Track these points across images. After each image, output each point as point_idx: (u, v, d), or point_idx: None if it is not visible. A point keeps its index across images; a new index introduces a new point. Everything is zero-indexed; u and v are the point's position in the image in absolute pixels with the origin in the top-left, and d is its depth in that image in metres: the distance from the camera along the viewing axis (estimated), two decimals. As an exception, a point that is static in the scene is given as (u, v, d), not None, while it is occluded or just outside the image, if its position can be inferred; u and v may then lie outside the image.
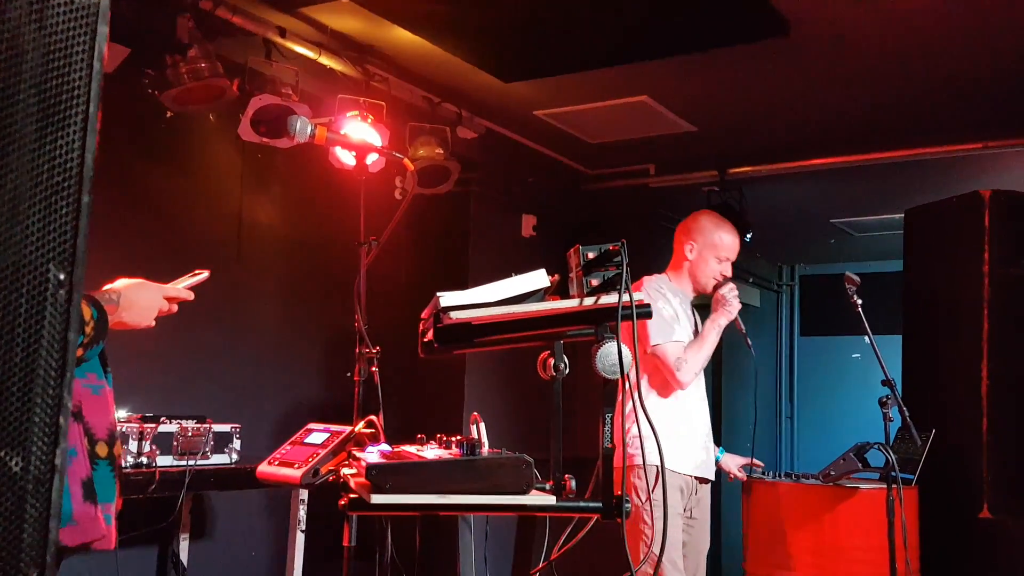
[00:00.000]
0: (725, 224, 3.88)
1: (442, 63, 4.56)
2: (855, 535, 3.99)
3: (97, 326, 1.82)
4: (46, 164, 0.93)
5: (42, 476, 0.91)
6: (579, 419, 4.20)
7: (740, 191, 6.04)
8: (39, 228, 0.93)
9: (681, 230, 3.94)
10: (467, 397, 5.48)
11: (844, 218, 7.23)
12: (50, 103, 0.94)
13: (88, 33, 0.95)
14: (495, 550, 2.65)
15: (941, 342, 4.78)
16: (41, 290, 0.93)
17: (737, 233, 3.91)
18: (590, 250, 2.08)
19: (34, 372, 0.92)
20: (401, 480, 1.86)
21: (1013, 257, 4.56)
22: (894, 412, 3.77)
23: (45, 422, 0.92)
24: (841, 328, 8.26)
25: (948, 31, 4.09)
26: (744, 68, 4.58)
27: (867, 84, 4.72)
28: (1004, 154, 5.35)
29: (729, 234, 3.84)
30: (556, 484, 2.03)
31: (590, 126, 5.48)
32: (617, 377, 2.01)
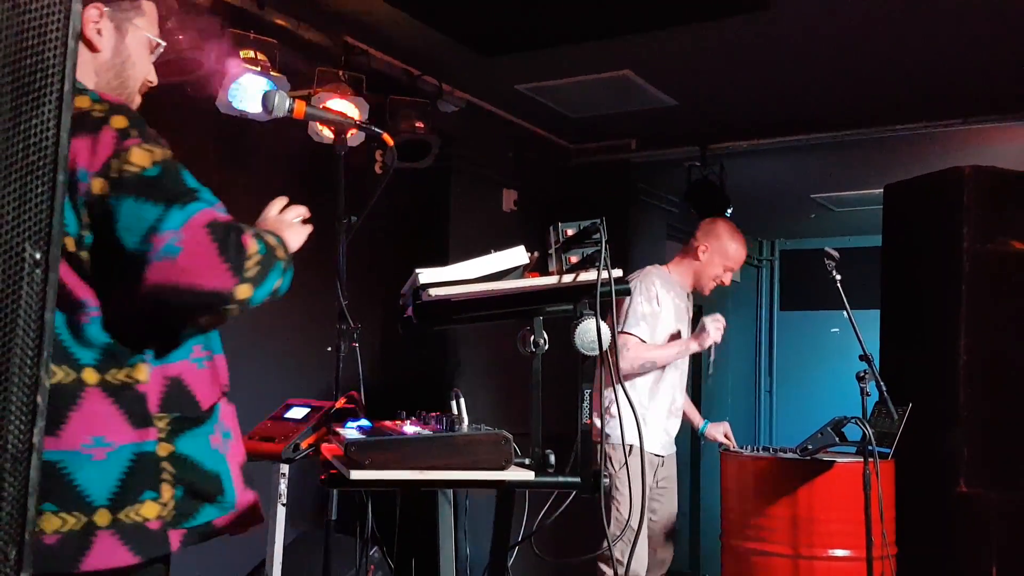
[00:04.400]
0: (739, 237, 4.21)
1: (422, 36, 4.53)
2: (832, 508, 4.03)
3: (286, 248, 1.75)
4: (20, 143, 0.92)
5: (20, 455, 0.91)
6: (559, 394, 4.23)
7: (721, 166, 6.05)
8: (14, 208, 0.92)
9: (701, 229, 4.25)
10: (447, 372, 5.49)
11: (824, 193, 7.26)
12: (24, 82, 0.93)
13: (62, 12, 0.93)
14: (474, 524, 2.68)
15: (919, 317, 4.82)
16: (17, 270, 0.92)
17: (746, 249, 4.26)
18: (569, 227, 2.08)
19: (11, 352, 0.92)
20: (380, 456, 1.87)
21: (991, 232, 4.59)
22: (871, 387, 3.81)
23: (22, 401, 0.91)
24: (820, 303, 8.32)
25: (929, 6, 4.09)
26: (725, 42, 4.57)
27: (847, 59, 4.73)
28: (984, 130, 5.38)
29: (741, 247, 4.20)
30: (535, 459, 2.05)
31: (572, 100, 5.46)
32: (596, 353, 2.02)
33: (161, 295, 1.57)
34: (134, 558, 1.60)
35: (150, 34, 1.86)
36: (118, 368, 1.64)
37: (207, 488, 1.71)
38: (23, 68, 0.92)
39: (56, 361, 1.57)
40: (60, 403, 1.58)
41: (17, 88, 0.92)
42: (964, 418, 4.47)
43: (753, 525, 4.19)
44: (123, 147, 1.59)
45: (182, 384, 1.71)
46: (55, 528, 1.55)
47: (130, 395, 1.64)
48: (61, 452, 1.57)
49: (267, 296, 1.68)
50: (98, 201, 1.57)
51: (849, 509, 3.84)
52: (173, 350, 1.71)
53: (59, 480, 1.56)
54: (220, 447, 1.76)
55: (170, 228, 1.54)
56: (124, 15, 1.81)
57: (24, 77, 0.92)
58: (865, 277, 5.36)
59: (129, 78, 1.84)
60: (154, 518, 1.63)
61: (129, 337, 1.65)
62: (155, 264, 1.54)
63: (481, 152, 5.84)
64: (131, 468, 1.62)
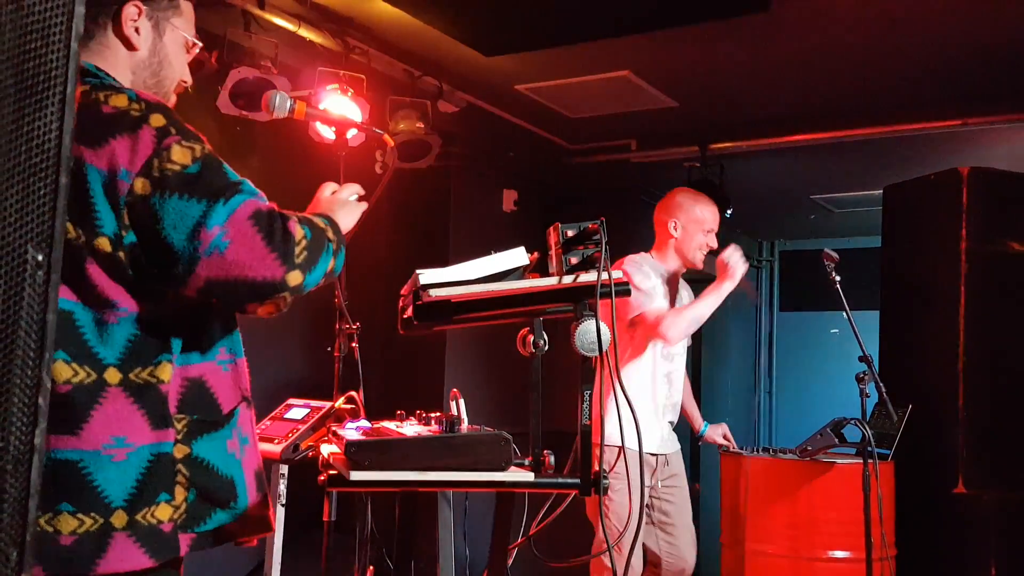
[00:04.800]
0: (703, 197, 4.02)
1: (423, 36, 4.53)
2: (831, 510, 4.04)
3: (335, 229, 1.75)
4: (24, 145, 0.92)
5: (21, 456, 0.91)
6: (560, 394, 4.23)
7: (721, 167, 6.05)
8: (17, 209, 0.92)
9: (660, 209, 4.04)
10: (447, 373, 5.49)
11: (824, 194, 7.26)
12: (27, 84, 0.93)
13: (65, 13, 0.94)
14: (474, 525, 2.68)
15: (918, 318, 4.82)
16: (20, 271, 0.92)
17: (715, 204, 4.03)
18: (569, 228, 2.08)
19: (13, 353, 0.92)
20: (380, 457, 1.87)
21: (990, 234, 4.59)
22: (871, 388, 3.82)
23: (24, 403, 0.91)
24: (820, 304, 8.31)
25: (928, 7, 4.10)
26: (725, 43, 4.58)
27: (847, 60, 4.73)
28: (983, 131, 5.38)
29: (709, 206, 3.98)
30: (535, 460, 2.05)
31: (572, 101, 5.46)
32: (596, 355, 2.02)
33: (215, 289, 1.59)
34: (150, 561, 1.59)
35: (187, 34, 1.87)
36: (142, 367, 1.63)
37: (220, 493, 1.70)
38: (26, 71, 0.92)
39: (79, 361, 1.58)
40: (82, 402, 1.57)
41: (20, 90, 0.92)
42: (963, 419, 4.47)
43: (753, 526, 4.20)
44: (164, 146, 1.59)
45: (204, 386, 1.71)
46: (72, 529, 1.54)
47: (152, 395, 1.63)
48: (81, 452, 1.56)
49: (321, 279, 1.69)
50: (140, 201, 1.58)
51: (849, 510, 3.85)
52: (197, 347, 1.71)
53: (78, 480, 1.55)
54: (236, 452, 1.75)
55: (216, 223, 1.56)
56: (163, 14, 1.82)
57: (27, 79, 0.92)
58: (864, 278, 5.37)
59: (165, 78, 1.85)
60: (167, 520, 1.62)
61: (158, 336, 1.65)
62: (205, 260, 1.55)
63: (481, 152, 5.84)
64: (149, 469, 1.61)
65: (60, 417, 1.53)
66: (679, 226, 3.94)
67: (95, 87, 1.65)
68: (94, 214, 1.58)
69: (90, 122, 1.58)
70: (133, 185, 1.57)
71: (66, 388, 1.56)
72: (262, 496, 1.79)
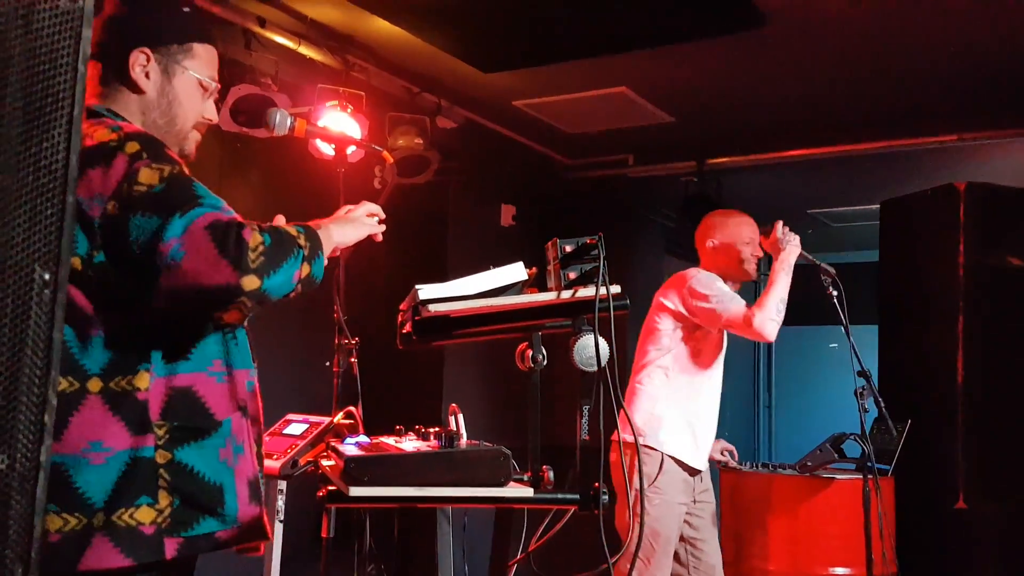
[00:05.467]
0: (734, 212, 4.02)
1: (422, 53, 4.56)
2: (831, 525, 4.03)
3: (309, 235, 1.78)
4: (31, 166, 0.94)
5: (27, 473, 0.92)
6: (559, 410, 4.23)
7: (717, 182, 6.07)
8: (24, 229, 0.93)
9: (698, 236, 4.03)
10: (445, 388, 5.49)
11: (821, 208, 7.28)
12: (35, 106, 0.94)
13: (73, 37, 0.95)
14: (473, 541, 2.67)
15: (916, 333, 4.83)
16: (27, 290, 0.94)
17: (748, 215, 4.03)
18: (568, 243, 2.09)
19: (19, 371, 0.92)
20: (379, 472, 1.87)
21: (988, 248, 4.61)
22: (870, 403, 3.81)
23: (30, 420, 0.92)
24: (818, 318, 8.29)
25: (924, 23, 4.12)
26: (721, 59, 4.60)
27: (843, 76, 4.76)
28: (979, 146, 5.41)
29: (744, 220, 3.98)
30: (534, 476, 2.05)
31: (569, 116, 5.49)
32: (594, 369, 2.03)
33: (177, 299, 1.66)
34: (125, 560, 1.64)
35: (201, 76, 1.96)
36: (122, 376, 1.70)
37: (206, 499, 1.74)
38: (34, 93, 0.93)
39: (63, 372, 1.64)
40: (63, 410, 1.64)
41: (28, 112, 0.93)
42: (963, 434, 4.47)
43: (753, 542, 4.19)
44: (133, 169, 1.68)
45: (193, 395, 1.76)
46: (57, 527, 1.62)
47: (129, 402, 1.70)
48: (63, 455, 1.64)
49: (291, 284, 1.72)
50: (111, 221, 1.66)
51: (849, 526, 3.84)
52: (183, 358, 1.77)
53: (62, 482, 1.63)
54: (229, 460, 1.79)
55: (173, 236, 1.62)
56: (172, 58, 1.92)
57: (35, 102, 0.93)
58: (862, 293, 5.38)
59: (176, 117, 1.94)
60: (148, 523, 1.67)
61: (137, 348, 1.72)
62: (164, 271, 1.62)
63: (479, 167, 5.86)
64: (125, 472, 1.67)
65: None
66: (719, 246, 3.94)
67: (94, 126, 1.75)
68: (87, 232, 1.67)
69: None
70: (106, 208, 1.66)
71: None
72: (256, 504, 1.83)
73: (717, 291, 3.73)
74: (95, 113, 1.82)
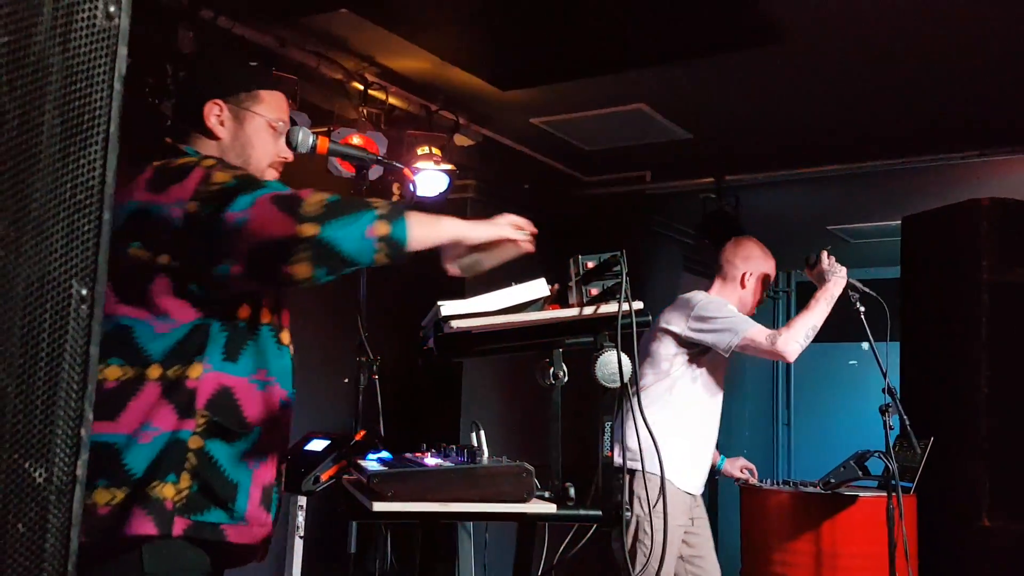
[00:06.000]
0: (767, 250, 4.13)
1: (439, 71, 4.59)
2: (854, 543, 3.98)
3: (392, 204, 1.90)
4: (69, 183, 0.96)
5: (64, 487, 0.93)
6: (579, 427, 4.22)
7: (736, 198, 6.06)
8: (62, 244, 0.95)
9: (734, 254, 4.07)
10: (464, 405, 5.49)
11: (840, 224, 7.26)
12: (73, 123, 0.96)
13: (109, 55, 0.97)
14: (494, 558, 2.67)
15: (939, 350, 4.79)
16: (64, 305, 0.96)
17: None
18: (589, 259, 2.10)
19: (57, 385, 0.94)
20: (403, 488, 1.87)
21: (1011, 264, 4.57)
22: (894, 420, 3.78)
23: (67, 434, 0.94)
24: (838, 335, 8.25)
25: (945, 38, 4.11)
26: (740, 75, 4.61)
27: (862, 91, 4.75)
28: (1002, 162, 5.38)
29: (773, 260, 4.12)
30: (555, 492, 2.05)
31: (586, 133, 5.50)
32: (616, 385, 2.03)
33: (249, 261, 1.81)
34: (155, 529, 1.79)
35: (270, 118, 2.15)
36: (179, 366, 1.87)
37: (221, 492, 1.88)
38: (71, 110, 0.96)
39: (128, 362, 1.85)
40: (123, 394, 1.83)
41: (66, 130, 0.95)
42: (986, 451, 4.42)
43: (775, 560, 4.15)
44: (208, 173, 1.89)
45: (233, 396, 1.91)
46: (106, 501, 1.79)
47: (180, 389, 1.86)
48: (116, 435, 1.81)
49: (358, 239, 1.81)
50: (192, 217, 1.84)
51: (872, 544, 3.80)
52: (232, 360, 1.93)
53: (113, 459, 1.80)
54: (249, 463, 1.94)
55: (240, 208, 1.80)
56: (242, 105, 2.12)
57: (72, 119, 0.95)
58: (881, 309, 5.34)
59: (251, 158, 2.13)
60: (169, 499, 1.82)
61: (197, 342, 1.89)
62: (235, 236, 1.79)
63: (497, 184, 5.88)
64: (165, 449, 1.83)
65: (104, 408, 1.79)
66: (751, 277, 4.01)
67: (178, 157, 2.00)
68: (160, 237, 1.86)
69: (160, 177, 1.92)
70: (187, 208, 1.85)
71: (113, 385, 1.84)
72: (266, 510, 1.97)
73: (730, 313, 3.77)
74: (182, 152, 2.05)
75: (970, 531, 4.40)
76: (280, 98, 2.20)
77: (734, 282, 4.02)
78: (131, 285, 1.87)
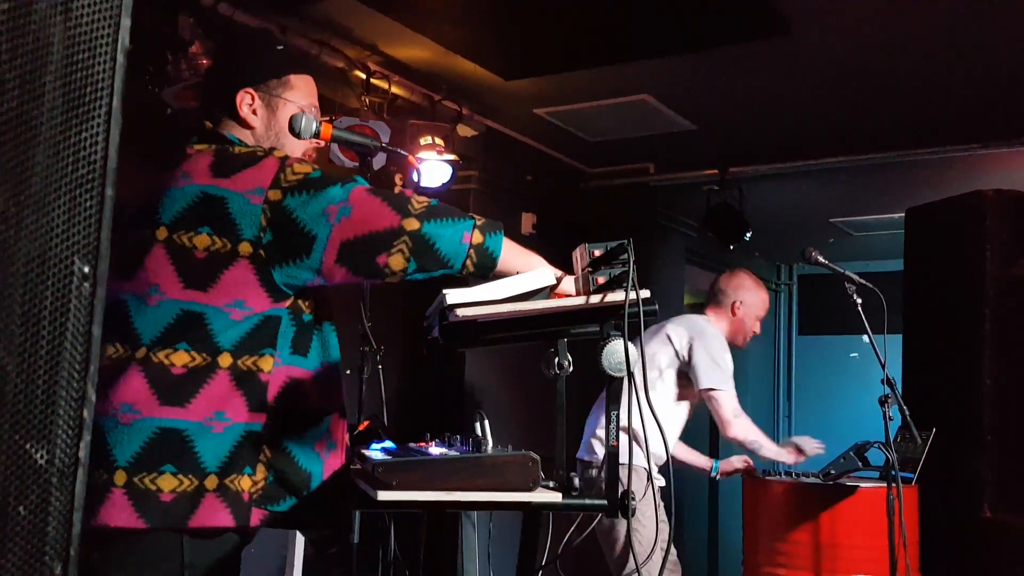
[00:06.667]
0: (762, 283, 4.37)
1: (443, 61, 4.56)
2: (855, 534, 3.99)
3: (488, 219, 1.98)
4: (71, 157, 0.94)
5: (66, 469, 0.91)
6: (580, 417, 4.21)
7: (740, 190, 6.04)
8: (64, 221, 0.93)
9: (728, 284, 4.31)
10: (466, 396, 5.48)
11: (843, 217, 7.24)
12: (75, 96, 0.94)
13: (112, 26, 0.95)
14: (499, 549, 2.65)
15: (942, 341, 4.77)
16: (66, 283, 0.93)
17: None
18: (596, 247, 2.07)
19: (59, 365, 0.92)
20: (408, 477, 1.85)
21: (1015, 256, 4.55)
22: (894, 411, 3.77)
23: (69, 415, 0.92)
24: (839, 327, 8.26)
25: (950, 31, 4.10)
26: (745, 67, 4.59)
27: (868, 83, 4.73)
28: (1006, 154, 5.36)
29: (767, 293, 4.37)
30: (559, 482, 2.03)
31: (590, 124, 5.48)
32: (623, 375, 2.01)
33: (347, 252, 1.86)
34: (230, 520, 1.82)
35: (301, 103, 2.14)
36: (248, 356, 1.88)
37: (296, 482, 1.91)
38: (73, 82, 0.93)
39: (199, 349, 1.85)
40: (194, 381, 1.84)
41: (68, 102, 0.93)
42: (988, 443, 4.41)
43: (776, 550, 4.15)
44: (287, 164, 1.91)
45: (304, 388, 1.95)
46: (172, 488, 1.79)
47: (253, 381, 1.88)
48: (187, 422, 1.82)
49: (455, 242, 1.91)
50: (274, 206, 1.86)
51: (873, 535, 3.80)
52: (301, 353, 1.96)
53: (182, 446, 1.81)
54: (321, 453, 1.97)
55: (340, 199, 1.85)
56: (272, 93, 2.11)
57: (74, 91, 0.93)
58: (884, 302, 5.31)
59: (285, 145, 2.12)
60: (246, 491, 1.85)
61: (268, 334, 1.91)
62: (336, 228, 1.84)
63: (500, 176, 5.85)
64: (240, 443, 1.85)
65: (173, 392, 1.83)
66: (743, 306, 4.24)
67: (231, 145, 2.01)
68: (236, 226, 1.86)
69: (224, 162, 1.93)
70: (267, 196, 1.87)
71: (181, 371, 1.84)
72: (337, 497, 2.01)
73: (726, 366, 4.05)
74: (225, 139, 2.05)
75: (972, 522, 4.39)
76: (309, 81, 2.19)
77: (726, 310, 4.26)
78: (203, 271, 1.86)
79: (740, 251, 7.00)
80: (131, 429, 1.80)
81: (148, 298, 1.87)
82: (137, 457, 1.79)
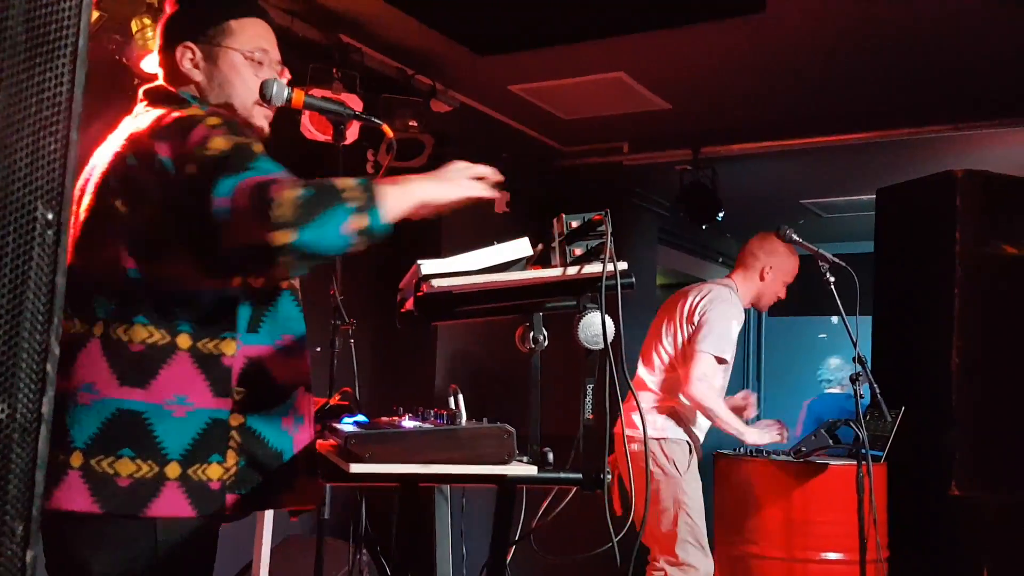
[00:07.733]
0: (795, 251, 4.26)
1: (417, 34, 4.50)
2: (825, 511, 4.02)
3: (366, 187, 1.72)
4: (34, 98, 0.89)
5: (28, 425, 0.87)
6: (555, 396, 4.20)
7: (712, 170, 6.04)
8: (26, 164, 0.88)
9: (759, 248, 4.27)
10: (438, 371, 5.46)
11: (814, 199, 7.27)
12: (38, 34, 0.89)
13: (79, -38, 0.90)
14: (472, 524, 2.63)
15: (912, 321, 4.81)
16: (28, 229, 0.89)
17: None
18: (573, 219, 2.05)
19: (20, 316, 0.87)
20: (381, 449, 1.83)
21: (984, 237, 4.59)
22: (864, 389, 3.79)
23: (32, 368, 0.88)
24: (808, 308, 8.31)
25: (921, 13, 4.10)
26: (720, 45, 4.57)
27: (840, 64, 4.73)
28: (976, 135, 5.39)
29: (797, 261, 4.29)
30: (534, 456, 2.01)
31: (565, 102, 5.44)
32: (600, 347, 1.99)
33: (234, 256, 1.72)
34: (192, 511, 1.75)
35: (243, 49, 1.98)
36: (209, 339, 1.80)
37: (268, 463, 1.85)
38: (36, 19, 0.88)
39: (157, 324, 1.77)
40: (154, 360, 1.76)
41: (31, 39, 0.88)
42: (957, 421, 4.46)
43: (746, 528, 4.18)
44: (208, 136, 1.75)
45: (263, 366, 1.86)
46: (129, 472, 1.72)
47: (216, 365, 1.80)
48: (146, 404, 1.74)
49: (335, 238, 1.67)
50: (188, 179, 1.72)
51: (842, 512, 3.83)
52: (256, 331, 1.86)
53: (141, 429, 1.73)
54: (290, 429, 1.90)
55: (222, 195, 1.66)
56: (212, 42, 1.97)
57: (37, 28, 0.88)
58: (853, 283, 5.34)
59: (232, 96, 1.98)
60: (216, 479, 1.78)
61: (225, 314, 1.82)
62: (218, 230, 1.68)
63: (474, 153, 5.78)
64: (205, 430, 1.78)
65: (132, 372, 1.75)
66: (772, 271, 4.21)
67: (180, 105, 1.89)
68: (163, 192, 1.74)
69: (163, 125, 1.80)
70: (185, 167, 1.73)
71: (139, 348, 1.75)
72: (309, 471, 1.93)
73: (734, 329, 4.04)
74: (182, 99, 1.93)
75: (940, 500, 4.44)
76: (256, 24, 2.03)
77: (754, 274, 4.22)
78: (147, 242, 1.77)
79: (712, 231, 7.01)
80: (90, 409, 1.72)
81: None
82: (94, 439, 1.71)
